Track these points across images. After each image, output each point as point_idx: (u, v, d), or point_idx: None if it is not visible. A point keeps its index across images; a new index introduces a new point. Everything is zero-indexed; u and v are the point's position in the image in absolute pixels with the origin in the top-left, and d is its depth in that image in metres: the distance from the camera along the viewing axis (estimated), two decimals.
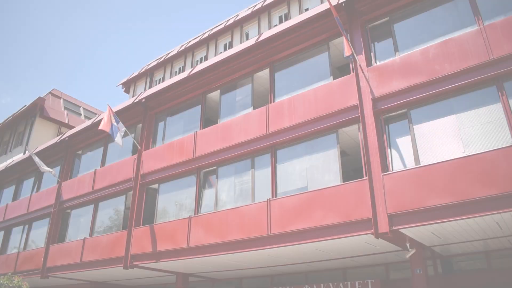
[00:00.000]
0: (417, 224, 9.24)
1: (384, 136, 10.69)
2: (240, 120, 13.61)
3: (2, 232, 23.21)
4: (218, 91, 15.41)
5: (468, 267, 13.41)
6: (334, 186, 10.75)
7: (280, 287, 15.10)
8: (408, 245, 10.82)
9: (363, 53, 11.62)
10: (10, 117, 30.71)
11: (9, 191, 25.11)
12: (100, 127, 14.31)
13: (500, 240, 11.33)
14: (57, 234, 18.83)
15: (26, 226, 21.50)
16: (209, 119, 15.93)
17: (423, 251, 11.59)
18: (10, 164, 24.75)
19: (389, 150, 10.52)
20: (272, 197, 11.80)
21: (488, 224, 9.60)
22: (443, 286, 13.22)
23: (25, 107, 29.10)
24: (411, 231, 9.88)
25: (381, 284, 12.93)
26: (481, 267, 12.97)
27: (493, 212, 8.41)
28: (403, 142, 10.44)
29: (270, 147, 12.58)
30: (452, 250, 12.50)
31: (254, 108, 13.82)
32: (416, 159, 9.95)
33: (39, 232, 20.42)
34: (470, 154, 9.04)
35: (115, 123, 14.41)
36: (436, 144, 9.87)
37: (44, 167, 18.01)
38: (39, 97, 28.69)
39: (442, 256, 13.32)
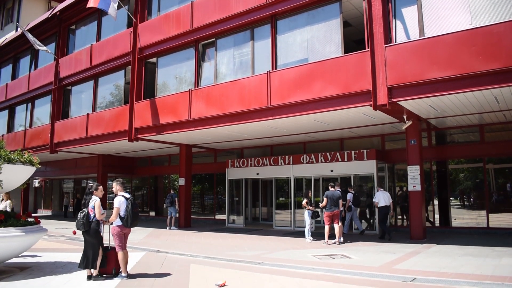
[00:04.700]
0: (416, 97, 9.31)
1: (390, 5, 10.16)
2: None
3: (7, 111, 23.62)
4: None
5: (461, 139, 13.89)
6: (335, 58, 10.56)
7: (279, 156, 15.84)
8: (405, 117, 11.04)
9: None
10: None
11: (6, 70, 24.86)
12: (89, 5, 13.59)
13: (496, 114, 11.55)
14: (61, 110, 19.12)
15: (29, 104, 21.80)
16: None
17: (419, 123, 11.90)
18: (3, 43, 24.10)
19: (393, 21, 10.11)
20: (272, 69, 11.69)
21: (486, 98, 9.68)
22: (436, 157, 13.87)
23: None
24: (409, 103, 10.01)
25: (376, 153, 13.53)
26: (474, 139, 13.44)
27: (493, 86, 8.39)
28: (409, 13, 9.98)
29: (270, 17, 12.05)
30: (447, 122, 12.83)
31: None
32: (421, 30, 9.63)
33: (43, 110, 20.77)
34: (477, 26, 8.69)
35: None
36: (442, 15, 9.45)
37: (39, 45, 17.52)
38: None
39: (437, 128, 13.72)
